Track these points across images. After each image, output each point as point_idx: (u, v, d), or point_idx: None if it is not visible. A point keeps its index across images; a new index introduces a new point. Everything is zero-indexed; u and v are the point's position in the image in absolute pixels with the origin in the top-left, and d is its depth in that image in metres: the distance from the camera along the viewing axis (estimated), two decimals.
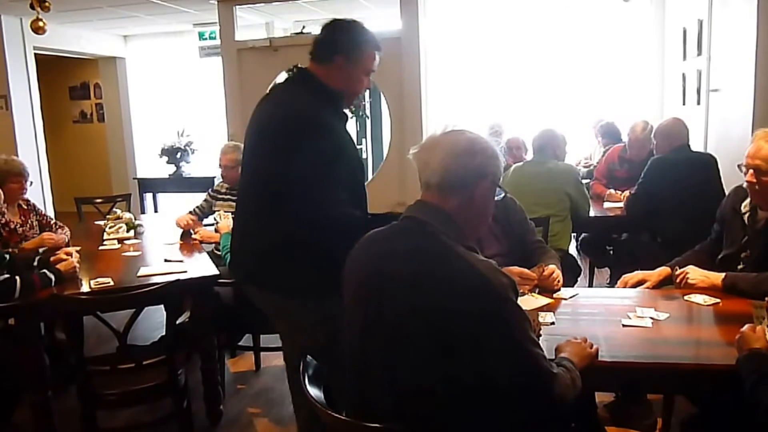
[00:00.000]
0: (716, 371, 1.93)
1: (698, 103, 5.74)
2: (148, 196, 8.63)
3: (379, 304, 1.63)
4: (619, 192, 4.86)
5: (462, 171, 1.66)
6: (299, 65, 2.50)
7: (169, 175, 8.44)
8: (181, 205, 4.89)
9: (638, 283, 2.81)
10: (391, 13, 6.65)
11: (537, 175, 4.21)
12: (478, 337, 1.53)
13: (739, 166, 2.71)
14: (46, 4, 4.46)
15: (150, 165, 8.93)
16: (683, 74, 6.17)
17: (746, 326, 1.96)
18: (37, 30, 4.59)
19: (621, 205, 4.65)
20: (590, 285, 5.15)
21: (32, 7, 4.49)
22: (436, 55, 6.94)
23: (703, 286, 2.63)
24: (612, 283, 4.52)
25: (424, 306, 1.56)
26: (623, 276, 2.91)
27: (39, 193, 7.34)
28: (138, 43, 9.01)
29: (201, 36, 8.13)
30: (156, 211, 8.55)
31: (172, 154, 8.34)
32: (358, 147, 8.77)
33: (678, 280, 2.71)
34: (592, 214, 4.61)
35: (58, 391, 3.29)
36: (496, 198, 1.77)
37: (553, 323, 2.36)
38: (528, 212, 4.00)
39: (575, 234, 5.22)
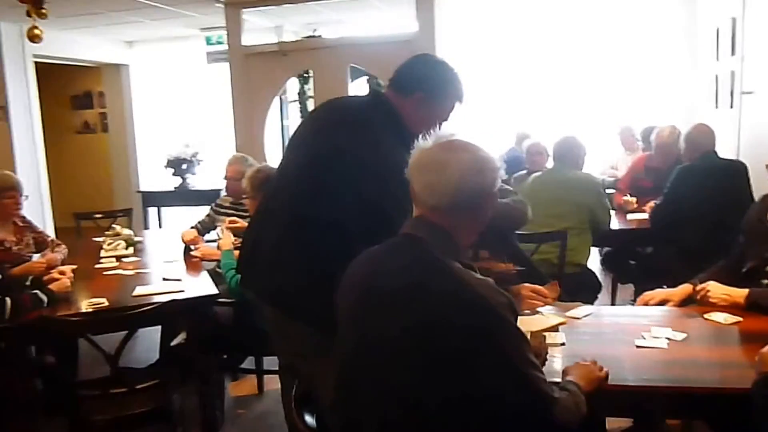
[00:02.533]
0: (733, 395, 1.92)
1: (731, 106, 5.71)
2: (153, 211, 8.74)
3: (371, 322, 1.66)
4: (634, 198, 4.84)
5: (472, 191, 1.68)
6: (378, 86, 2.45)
7: (175, 187, 8.55)
8: (187, 219, 4.95)
9: (660, 303, 2.81)
10: (405, 13, 6.69)
11: (556, 186, 4.22)
12: (472, 358, 1.55)
13: (767, 165, 2.70)
14: (43, 11, 4.55)
15: (154, 177, 9.02)
16: (716, 76, 6.15)
17: (767, 347, 1.95)
18: (34, 38, 4.68)
19: (645, 216, 4.62)
20: (613, 303, 5.11)
21: (29, 14, 4.57)
22: (453, 58, 6.95)
23: (724, 303, 2.62)
24: (636, 301, 4.50)
25: (415, 323, 1.58)
26: (644, 294, 2.91)
27: (39, 207, 7.44)
28: (142, 49, 9.13)
29: (209, 41, 8.22)
30: (161, 226, 8.64)
31: (178, 166, 8.45)
32: None
33: (698, 297, 2.71)
34: (614, 226, 4.61)
35: (52, 415, 3.34)
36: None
37: (563, 344, 2.37)
38: (544, 225, 4.06)
39: (598, 248, 5.22)
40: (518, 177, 5.35)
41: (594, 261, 5.19)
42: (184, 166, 8.44)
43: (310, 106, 7.64)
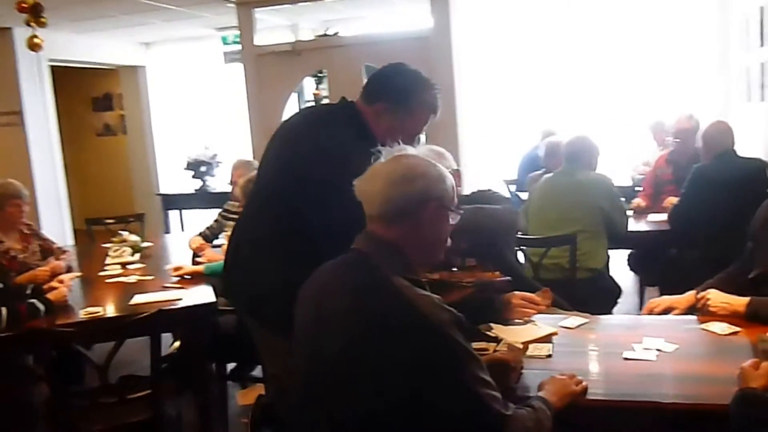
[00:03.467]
0: (714, 412, 1.89)
1: (762, 99, 5.60)
2: (173, 213, 8.88)
3: (319, 341, 1.69)
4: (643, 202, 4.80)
5: (402, 199, 1.70)
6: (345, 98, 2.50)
7: (195, 190, 8.67)
8: (207, 222, 5.01)
9: (665, 311, 2.78)
10: (421, 9, 6.69)
11: (566, 187, 4.19)
12: (416, 378, 1.57)
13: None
14: (42, 20, 4.67)
15: (175, 180, 9.16)
16: (747, 68, 6.03)
17: (749, 361, 1.92)
18: (34, 47, 4.81)
19: (664, 217, 4.56)
20: (641, 305, 5.05)
21: (28, 24, 4.69)
22: (470, 54, 6.93)
23: (724, 313, 2.58)
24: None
25: (357, 344, 1.61)
26: (649, 301, 2.89)
27: (57, 211, 7.62)
28: (159, 51, 9.28)
29: (225, 41, 8.31)
30: (183, 229, 8.76)
31: (197, 168, 8.58)
32: None
33: (698, 306, 2.67)
34: (635, 228, 4.56)
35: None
36: (451, 221, 1.80)
37: (549, 356, 2.36)
38: (554, 229, 4.05)
39: (626, 250, 5.17)
40: (533, 177, 5.32)
41: (620, 264, 5.17)
42: (204, 168, 8.56)
43: None
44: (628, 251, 5.24)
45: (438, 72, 6.36)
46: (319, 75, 7.48)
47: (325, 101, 7.19)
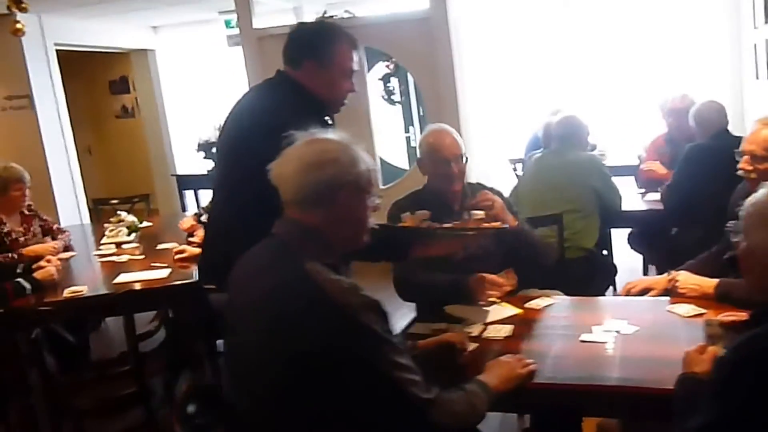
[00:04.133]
0: (657, 396, 1.86)
1: None
2: (189, 194, 8.95)
3: (239, 326, 1.69)
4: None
5: (314, 185, 1.67)
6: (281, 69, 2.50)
7: (208, 170, 8.71)
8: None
9: (642, 292, 2.73)
10: None
11: (557, 168, 4.12)
12: (329, 363, 1.55)
13: (735, 152, 2.62)
14: (23, 5, 4.66)
15: (190, 161, 9.24)
16: (754, 45, 5.88)
17: (696, 346, 1.88)
18: (16, 32, 4.81)
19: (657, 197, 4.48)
20: None
21: (9, 9, 4.69)
22: (471, 34, 6.83)
23: (694, 294, 2.54)
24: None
25: (270, 329, 1.60)
26: (627, 282, 2.84)
27: (71, 192, 7.70)
28: (168, 34, 9.32)
29: (228, 24, 8.27)
30: (198, 209, 8.82)
31: (208, 149, 8.60)
32: (406, 135, 8.80)
33: (670, 288, 2.63)
34: (632, 207, 4.49)
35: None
36: (370, 204, 1.78)
37: (508, 337, 2.34)
38: (545, 208, 3.99)
39: (629, 229, 5.09)
40: (531, 157, 5.24)
41: (622, 242, 5.09)
42: (215, 150, 8.57)
43: None
44: (629, 230, 5.16)
45: (437, 52, 6.31)
46: None
47: None
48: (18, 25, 4.83)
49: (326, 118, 2.41)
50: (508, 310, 2.58)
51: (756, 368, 1.42)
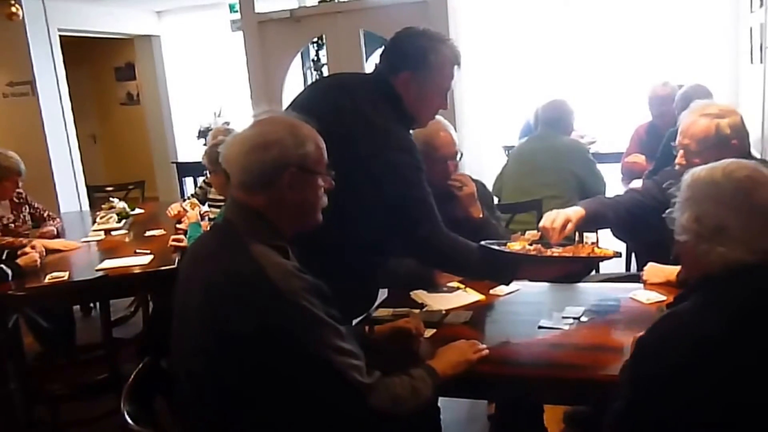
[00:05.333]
0: (601, 382, 1.83)
1: (761, 61, 5.37)
2: (188, 181, 8.97)
3: (184, 309, 1.69)
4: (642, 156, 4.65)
5: (258, 167, 1.66)
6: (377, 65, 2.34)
7: None
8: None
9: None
10: None
11: (539, 153, 4.11)
12: (264, 347, 1.55)
13: (672, 145, 2.58)
14: None
15: (191, 147, 9.24)
16: (750, 29, 5.79)
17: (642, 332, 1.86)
18: (10, 16, 4.82)
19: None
20: (627, 269, 4.93)
21: None
22: (469, 19, 6.76)
23: (658, 281, 2.51)
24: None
25: (210, 313, 1.59)
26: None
27: (71, 178, 7.72)
28: (172, 20, 9.28)
29: (232, 8, 8.29)
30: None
31: (207, 137, 8.61)
32: None
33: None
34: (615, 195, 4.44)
35: None
36: (321, 184, 1.76)
37: (466, 323, 2.32)
38: (528, 193, 3.97)
39: None
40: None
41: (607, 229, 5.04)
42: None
43: (325, 72, 7.62)
44: None
45: None
46: (320, 42, 7.41)
47: (325, 68, 7.15)
48: (12, 9, 4.82)
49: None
50: (472, 296, 2.56)
51: (662, 348, 1.42)
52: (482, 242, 2.24)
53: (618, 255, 2.38)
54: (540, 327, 2.22)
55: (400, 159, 2.13)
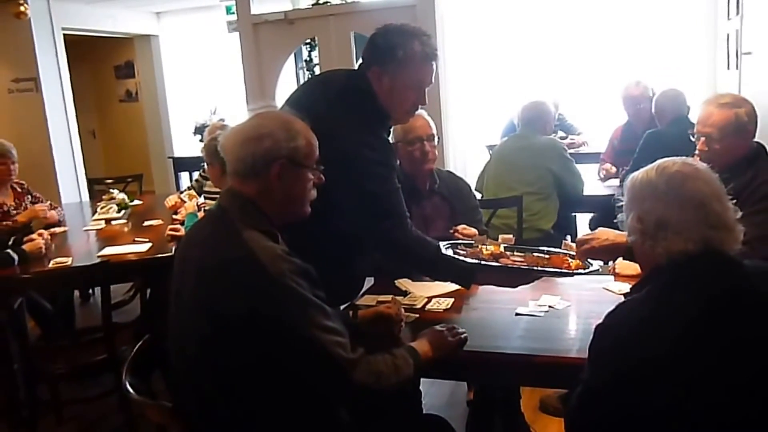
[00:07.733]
0: (573, 365, 1.89)
1: (737, 68, 5.45)
2: (184, 175, 9.00)
3: (179, 292, 1.73)
4: (613, 168, 4.70)
5: (251, 158, 1.72)
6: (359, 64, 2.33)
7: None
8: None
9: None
10: None
11: (518, 151, 4.17)
12: (253, 327, 1.59)
13: (690, 133, 2.64)
14: None
15: (187, 143, 9.28)
16: (727, 35, 5.87)
17: None
18: (19, 15, 4.84)
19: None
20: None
21: None
22: (457, 22, 6.81)
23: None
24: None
25: (203, 295, 1.64)
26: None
27: (72, 173, 7.76)
28: (170, 20, 9.33)
29: (228, 10, 8.28)
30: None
31: (204, 132, 8.64)
32: None
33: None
34: (593, 192, 4.51)
35: None
36: (310, 177, 1.82)
37: (446, 309, 2.38)
38: (508, 190, 4.03)
39: (592, 214, 5.10)
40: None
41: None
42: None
43: (317, 72, 7.66)
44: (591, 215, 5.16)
45: None
46: (312, 43, 7.45)
47: (317, 68, 7.17)
48: (21, 8, 4.84)
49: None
50: (453, 285, 2.61)
51: (615, 334, 1.47)
52: (444, 243, 2.23)
53: (597, 272, 2.27)
54: (517, 314, 2.28)
55: (370, 156, 2.15)
